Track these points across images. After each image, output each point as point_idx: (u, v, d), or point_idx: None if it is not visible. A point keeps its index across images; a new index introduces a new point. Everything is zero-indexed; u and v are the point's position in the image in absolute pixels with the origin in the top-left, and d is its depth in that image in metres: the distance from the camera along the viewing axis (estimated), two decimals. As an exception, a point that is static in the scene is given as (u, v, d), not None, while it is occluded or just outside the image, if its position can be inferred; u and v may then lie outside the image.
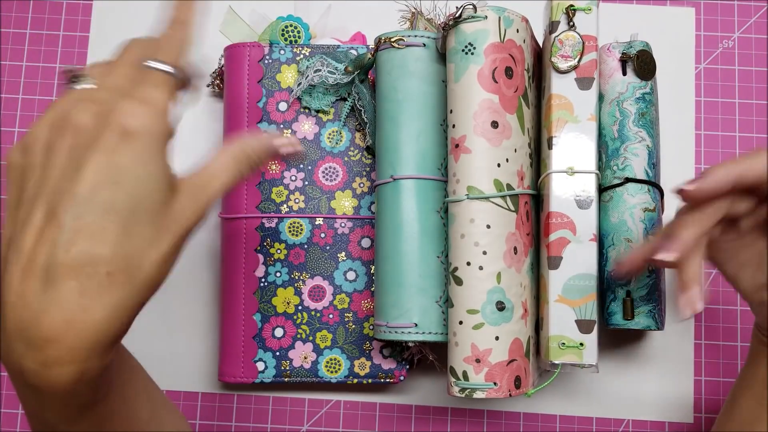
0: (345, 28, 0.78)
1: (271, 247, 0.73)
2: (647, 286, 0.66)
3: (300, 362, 0.72)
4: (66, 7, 0.84)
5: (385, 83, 0.68)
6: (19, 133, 0.81)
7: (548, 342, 0.63)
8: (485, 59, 0.61)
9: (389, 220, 0.67)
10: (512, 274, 0.62)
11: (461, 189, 0.62)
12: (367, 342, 0.73)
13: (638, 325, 0.66)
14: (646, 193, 0.67)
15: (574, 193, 0.64)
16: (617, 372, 0.77)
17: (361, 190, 0.74)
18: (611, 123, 0.69)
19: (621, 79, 0.69)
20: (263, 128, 0.74)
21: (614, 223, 0.67)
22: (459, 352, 0.62)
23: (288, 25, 0.76)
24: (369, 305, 0.73)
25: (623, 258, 0.63)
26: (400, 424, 0.77)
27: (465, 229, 0.62)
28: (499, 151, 0.62)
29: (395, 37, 0.67)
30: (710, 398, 0.77)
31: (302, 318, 0.73)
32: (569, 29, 0.64)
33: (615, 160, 0.68)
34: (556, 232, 0.63)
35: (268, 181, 0.74)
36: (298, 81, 0.74)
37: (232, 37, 0.77)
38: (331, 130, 0.75)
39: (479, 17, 0.62)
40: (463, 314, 0.62)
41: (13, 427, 0.77)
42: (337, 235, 0.73)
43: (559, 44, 0.65)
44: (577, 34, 0.64)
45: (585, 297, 0.62)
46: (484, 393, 0.61)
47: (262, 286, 0.73)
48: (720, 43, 0.82)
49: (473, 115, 0.61)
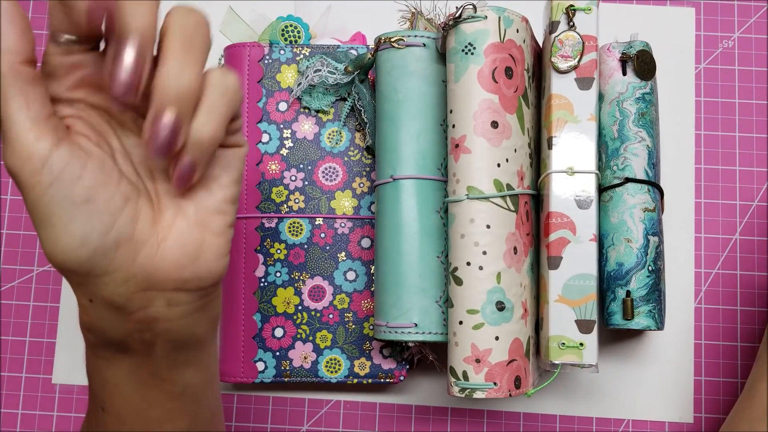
0: (345, 28, 0.78)
1: (271, 247, 0.73)
2: (647, 286, 0.66)
3: (300, 362, 0.72)
4: (66, 7, 0.83)
5: (385, 83, 0.68)
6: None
7: (548, 342, 0.63)
8: (485, 59, 0.61)
9: (389, 220, 0.67)
10: (512, 274, 0.62)
11: (461, 189, 0.62)
12: (367, 342, 0.73)
13: (638, 325, 0.66)
14: (645, 193, 0.67)
15: (574, 193, 0.64)
16: (617, 372, 0.77)
17: (361, 190, 0.74)
18: (611, 123, 0.69)
19: (621, 79, 0.69)
20: (263, 128, 0.74)
21: (614, 223, 0.67)
22: (459, 352, 0.62)
23: (288, 25, 0.76)
24: (369, 305, 0.73)
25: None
26: (400, 424, 0.77)
27: (465, 229, 0.62)
28: (499, 151, 0.62)
29: (395, 37, 0.67)
30: (710, 398, 0.77)
31: (302, 318, 0.73)
32: (569, 29, 0.64)
33: (615, 160, 0.68)
34: (556, 232, 0.63)
35: (268, 181, 0.74)
36: (297, 81, 0.74)
37: (231, 37, 0.77)
38: (331, 130, 0.75)
39: (479, 17, 0.62)
40: (463, 314, 0.62)
41: (13, 427, 0.77)
42: (337, 235, 0.73)
43: (559, 44, 0.65)
44: (577, 34, 0.64)
45: (585, 297, 0.62)
46: (484, 393, 0.61)
47: (262, 286, 0.73)
48: (720, 43, 0.82)
49: (473, 115, 0.61)
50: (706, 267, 0.79)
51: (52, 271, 0.79)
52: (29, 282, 0.80)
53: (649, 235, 0.67)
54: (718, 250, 0.79)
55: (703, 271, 0.79)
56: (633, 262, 0.66)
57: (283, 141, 0.74)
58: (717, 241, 0.79)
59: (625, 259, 0.66)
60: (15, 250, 0.80)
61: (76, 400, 0.78)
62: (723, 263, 0.79)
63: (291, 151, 0.74)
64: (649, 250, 0.66)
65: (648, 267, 0.66)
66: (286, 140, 0.74)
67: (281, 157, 0.74)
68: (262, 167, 0.74)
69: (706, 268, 0.79)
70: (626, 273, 0.66)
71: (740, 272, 0.79)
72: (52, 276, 0.80)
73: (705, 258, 0.79)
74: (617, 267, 0.66)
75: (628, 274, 0.66)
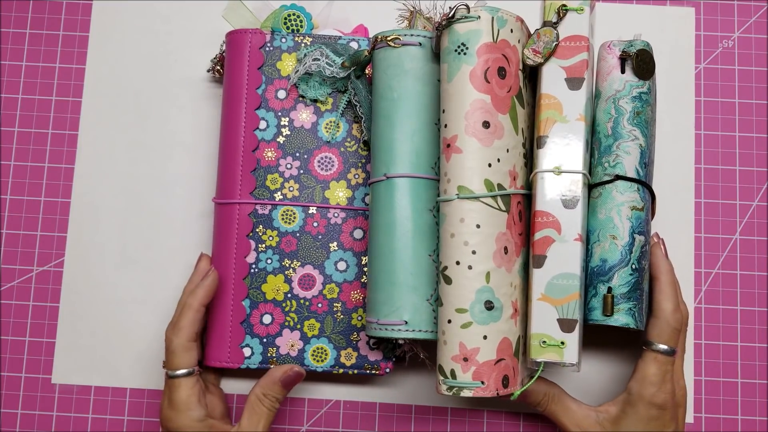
0: (348, 20, 0.79)
1: (264, 233, 0.74)
2: (629, 284, 0.66)
3: (287, 350, 0.73)
4: (66, 7, 0.84)
5: (380, 82, 0.69)
6: (18, 133, 0.82)
7: (530, 340, 0.63)
8: (478, 59, 0.62)
9: (382, 218, 0.68)
10: (502, 273, 0.63)
11: (452, 188, 0.62)
12: (354, 333, 0.73)
13: (617, 322, 0.65)
14: (635, 191, 0.67)
15: (560, 192, 0.64)
16: (618, 372, 0.78)
17: (356, 182, 0.75)
18: (606, 120, 0.69)
19: (619, 77, 0.69)
20: (261, 115, 0.74)
21: (601, 220, 0.67)
22: (447, 350, 0.62)
23: (291, 13, 0.76)
24: (358, 296, 0.74)
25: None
26: (400, 424, 0.78)
27: (455, 228, 0.62)
28: (490, 151, 0.62)
29: (391, 35, 0.68)
30: (710, 398, 0.77)
31: (291, 306, 0.73)
32: (550, 25, 0.64)
33: (607, 156, 0.68)
34: (541, 231, 0.64)
35: (263, 167, 0.74)
36: (295, 68, 0.74)
37: (234, 23, 0.77)
38: (329, 120, 0.75)
39: (472, 17, 0.62)
40: (452, 313, 0.62)
41: (13, 426, 0.78)
42: (330, 224, 0.74)
43: (536, 38, 0.65)
44: (554, 32, 0.64)
45: (568, 296, 0.63)
46: (471, 391, 0.61)
47: (252, 273, 0.73)
48: (720, 43, 0.82)
49: (465, 115, 0.62)
50: (706, 267, 0.79)
51: (51, 271, 0.80)
52: (29, 282, 0.80)
53: (635, 234, 0.66)
54: (718, 250, 0.79)
55: (703, 271, 0.79)
56: (617, 259, 0.66)
57: (281, 129, 0.75)
58: (717, 241, 0.79)
59: (609, 255, 0.66)
60: (15, 250, 0.81)
61: (76, 400, 0.78)
62: (723, 263, 0.79)
63: (288, 139, 0.75)
64: (634, 248, 0.66)
65: (631, 265, 0.66)
66: (283, 128, 0.75)
67: (278, 145, 0.74)
68: (258, 154, 0.74)
69: (706, 268, 0.79)
70: (609, 269, 0.66)
71: (740, 272, 0.79)
72: (52, 276, 0.80)
73: (705, 258, 0.79)
74: (601, 263, 0.66)
75: (611, 270, 0.66)
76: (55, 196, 0.81)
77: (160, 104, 0.82)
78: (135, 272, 0.80)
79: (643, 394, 0.67)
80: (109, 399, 0.77)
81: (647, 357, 0.67)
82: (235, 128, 0.75)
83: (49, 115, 0.82)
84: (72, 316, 0.79)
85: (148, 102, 0.82)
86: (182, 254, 0.80)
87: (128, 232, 0.80)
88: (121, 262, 0.80)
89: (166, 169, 0.81)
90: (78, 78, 0.82)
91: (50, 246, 0.80)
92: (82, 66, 0.83)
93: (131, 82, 0.82)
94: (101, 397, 0.78)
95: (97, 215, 0.80)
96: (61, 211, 0.81)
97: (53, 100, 0.82)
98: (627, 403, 0.68)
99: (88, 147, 0.81)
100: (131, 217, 0.80)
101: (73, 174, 0.81)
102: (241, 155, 0.74)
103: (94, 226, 0.80)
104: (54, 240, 0.80)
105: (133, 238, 0.80)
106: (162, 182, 0.81)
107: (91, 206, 0.81)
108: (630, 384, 0.68)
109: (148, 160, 0.81)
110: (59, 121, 0.82)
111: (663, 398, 0.66)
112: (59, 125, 0.82)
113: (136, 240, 0.80)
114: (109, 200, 0.81)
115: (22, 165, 0.81)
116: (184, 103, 0.82)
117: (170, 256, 0.80)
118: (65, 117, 0.82)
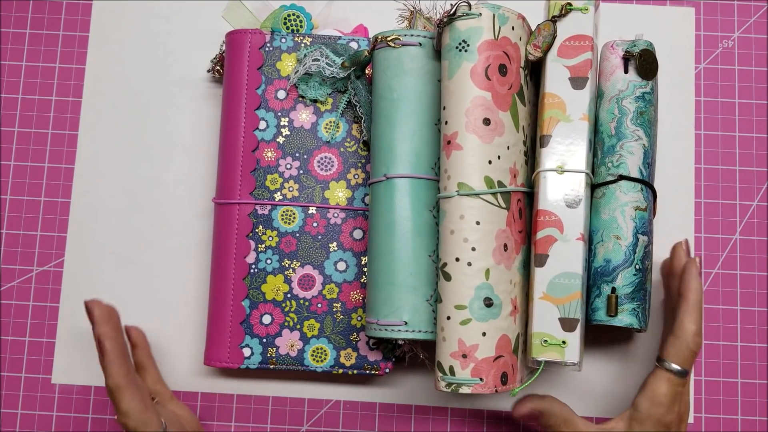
0: (347, 20, 0.79)
1: (263, 234, 0.74)
2: (633, 284, 0.66)
3: (286, 350, 0.73)
4: (66, 7, 0.84)
5: (380, 82, 0.69)
6: (18, 133, 0.82)
7: (531, 339, 0.63)
8: (478, 56, 0.62)
9: (382, 218, 0.68)
10: (501, 270, 0.63)
11: (452, 185, 0.62)
12: (354, 333, 0.73)
13: (621, 322, 0.66)
14: (638, 192, 0.67)
15: (563, 192, 0.64)
16: (618, 372, 0.78)
17: (356, 182, 0.75)
18: (609, 120, 0.69)
19: (622, 76, 0.69)
20: (260, 115, 0.74)
21: (604, 220, 0.67)
22: (446, 347, 0.62)
23: (291, 14, 0.76)
24: (358, 296, 0.74)
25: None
26: (399, 423, 0.77)
27: (455, 225, 0.62)
28: (490, 148, 0.62)
29: (391, 36, 0.68)
30: (710, 398, 0.77)
31: (291, 306, 0.73)
32: (550, 20, 0.65)
33: (610, 156, 0.68)
34: (543, 230, 0.64)
35: (263, 168, 0.74)
36: (295, 69, 0.74)
37: (234, 23, 0.77)
38: (329, 121, 0.75)
39: (473, 14, 0.62)
40: (451, 309, 0.62)
41: (13, 426, 0.78)
42: (330, 225, 0.74)
43: (537, 33, 0.65)
44: (552, 25, 0.64)
45: (569, 295, 0.63)
46: (470, 388, 0.61)
47: (252, 273, 0.73)
48: (720, 43, 0.82)
49: (465, 111, 0.62)
50: (706, 267, 0.79)
51: (51, 271, 0.80)
52: (29, 282, 0.80)
53: (639, 234, 0.67)
54: (718, 250, 0.79)
55: (703, 271, 0.79)
56: (621, 260, 0.66)
57: (280, 129, 0.75)
58: (717, 241, 0.79)
59: (613, 255, 0.66)
60: (15, 250, 0.80)
61: (76, 399, 0.78)
62: (723, 263, 0.79)
63: (287, 140, 0.75)
64: (637, 248, 0.66)
65: (635, 265, 0.66)
66: (283, 128, 0.75)
67: (277, 145, 0.74)
68: (257, 154, 0.74)
69: (706, 268, 0.79)
70: (613, 270, 0.66)
71: (740, 272, 0.79)
72: (52, 276, 0.80)
73: (705, 258, 0.79)
74: (604, 263, 0.66)
75: (614, 270, 0.66)
76: (55, 196, 0.81)
77: (159, 104, 0.82)
78: (135, 272, 0.79)
79: (652, 413, 0.66)
80: (109, 399, 0.77)
81: (660, 375, 0.66)
82: (235, 128, 0.74)
83: (49, 115, 0.82)
84: (72, 316, 0.79)
85: (147, 102, 0.82)
86: (182, 254, 0.79)
87: (128, 232, 0.80)
88: (121, 262, 0.80)
89: (166, 169, 0.81)
90: (78, 78, 0.82)
91: (50, 246, 0.80)
92: (82, 66, 0.83)
93: (131, 82, 0.82)
94: (101, 397, 0.78)
95: (97, 215, 0.80)
96: (61, 211, 0.80)
97: (53, 100, 0.82)
98: (634, 419, 0.67)
99: (88, 147, 0.81)
100: (131, 217, 0.80)
101: (73, 174, 0.81)
102: (240, 155, 0.74)
103: (94, 226, 0.80)
104: (54, 240, 0.80)
105: (133, 238, 0.80)
106: (162, 182, 0.81)
107: (91, 206, 0.80)
108: (638, 399, 0.67)
109: (148, 160, 0.81)
110: (59, 121, 0.82)
111: (671, 419, 0.66)
112: (59, 125, 0.82)
113: (136, 240, 0.80)
114: (109, 200, 0.80)
115: (22, 165, 0.81)
116: (184, 103, 0.82)
117: (170, 256, 0.79)
118: (65, 117, 0.82)
